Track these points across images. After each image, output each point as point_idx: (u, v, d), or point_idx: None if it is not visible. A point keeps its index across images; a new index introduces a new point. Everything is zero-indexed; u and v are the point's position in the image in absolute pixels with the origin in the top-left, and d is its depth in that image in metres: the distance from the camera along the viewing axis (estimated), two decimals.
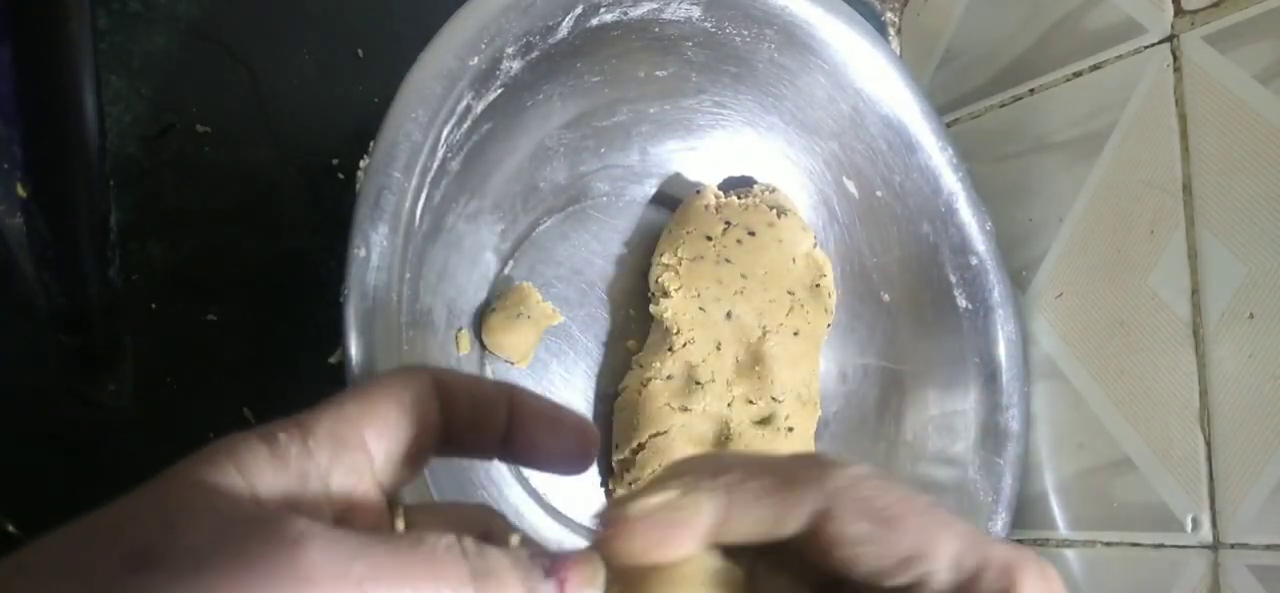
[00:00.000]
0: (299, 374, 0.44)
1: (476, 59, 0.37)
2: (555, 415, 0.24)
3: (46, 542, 0.19)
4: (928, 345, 0.51)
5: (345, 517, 0.21)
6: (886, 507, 0.21)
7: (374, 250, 0.34)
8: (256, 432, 0.21)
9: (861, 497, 0.21)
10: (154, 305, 0.42)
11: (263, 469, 0.20)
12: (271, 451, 0.20)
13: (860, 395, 0.52)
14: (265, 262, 0.45)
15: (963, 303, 0.49)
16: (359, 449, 0.21)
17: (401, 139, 0.35)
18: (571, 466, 0.25)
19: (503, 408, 0.24)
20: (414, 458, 0.23)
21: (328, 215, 0.46)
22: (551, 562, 0.21)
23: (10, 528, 0.38)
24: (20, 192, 0.28)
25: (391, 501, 0.23)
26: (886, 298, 0.52)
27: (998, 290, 0.49)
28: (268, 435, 0.21)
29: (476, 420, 0.24)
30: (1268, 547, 0.39)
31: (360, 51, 0.48)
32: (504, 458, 0.25)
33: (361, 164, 0.35)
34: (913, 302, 0.51)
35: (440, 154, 0.37)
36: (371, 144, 0.35)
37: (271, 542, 0.18)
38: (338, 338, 0.33)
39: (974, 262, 0.49)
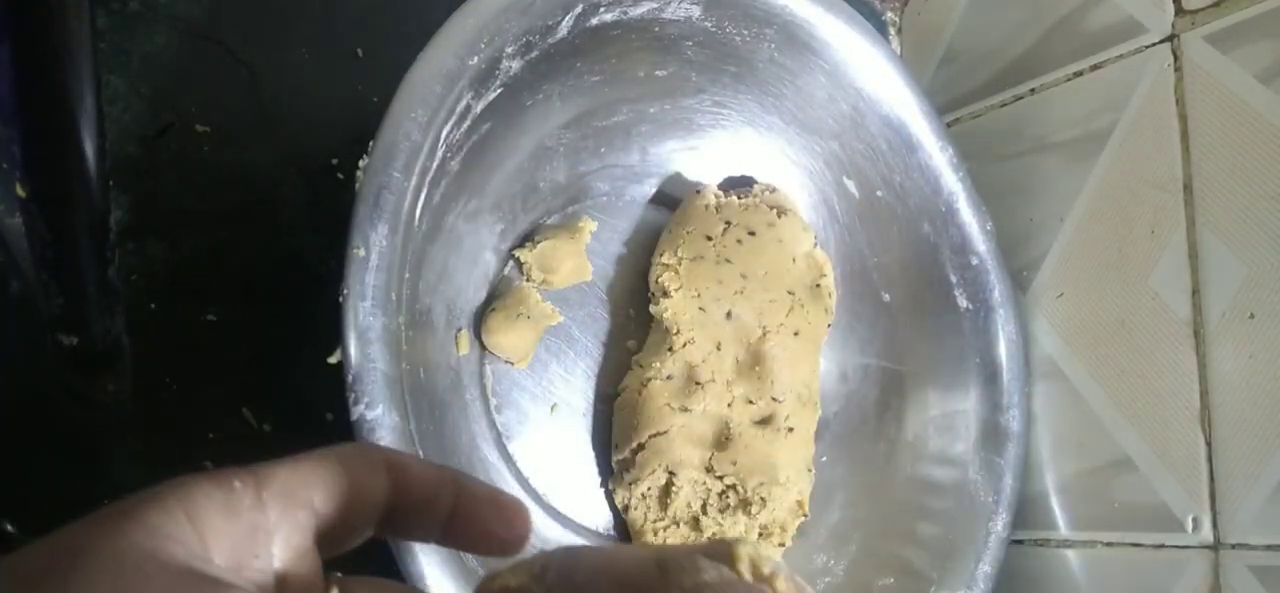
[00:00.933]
0: (299, 374, 0.44)
1: (476, 59, 0.37)
2: (496, 499, 0.25)
3: None
4: (928, 345, 0.51)
5: (284, 575, 0.22)
6: None
7: (373, 250, 0.34)
8: (211, 477, 0.21)
9: None
10: (154, 305, 0.42)
11: (214, 519, 0.20)
12: (226, 499, 0.21)
13: (861, 396, 0.52)
14: (265, 262, 0.45)
15: (963, 303, 0.49)
16: (306, 509, 0.22)
17: (401, 139, 0.35)
18: (508, 547, 0.25)
19: (448, 493, 0.24)
20: (355, 530, 0.23)
21: (327, 215, 0.46)
22: None
23: (9, 528, 0.38)
24: (20, 192, 0.28)
25: (326, 569, 0.23)
26: (887, 298, 0.52)
27: (998, 290, 0.49)
28: (223, 482, 0.21)
29: (422, 504, 0.24)
30: (1268, 547, 0.39)
31: (360, 51, 0.48)
32: (443, 542, 0.25)
33: (361, 164, 0.35)
34: (913, 302, 0.51)
35: (440, 154, 0.37)
36: (371, 144, 0.35)
37: None
38: (337, 338, 0.33)
39: (974, 262, 0.49)
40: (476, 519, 0.25)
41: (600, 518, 0.47)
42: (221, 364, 0.43)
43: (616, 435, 0.46)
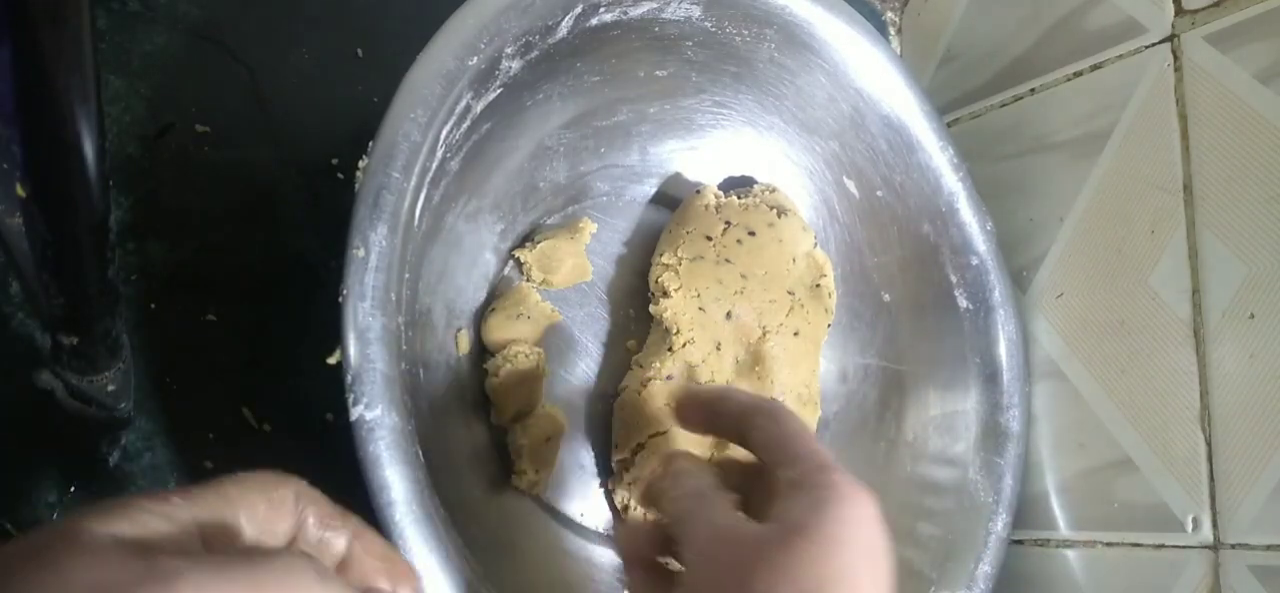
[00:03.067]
0: (299, 374, 0.44)
1: (475, 59, 0.37)
2: (389, 558, 0.28)
3: None
4: (928, 345, 0.51)
5: None
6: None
7: (372, 250, 0.34)
8: (149, 495, 0.23)
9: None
10: (154, 305, 0.42)
11: (154, 524, 0.22)
12: (164, 513, 0.23)
13: (861, 395, 0.52)
14: (265, 262, 0.45)
15: (963, 303, 0.49)
16: (230, 528, 0.24)
17: (400, 139, 0.35)
18: None
19: (345, 538, 0.27)
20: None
21: (327, 215, 0.46)
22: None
23: (9, 528, 0.38)
24: (20, 192, 0.28)
25: None
26: (887, 298, 0.52)
27: (999, 290, 0.49)
28: (161, 497, 0.23)
29: (316, 543, 0.26)
30: (1268, 547, 0.39)
31: (360, 51, 0.48)
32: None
33: (361, 164, 0.35)
34: (913, 302, 0.51)
35: (439, 154, 0.37)
36: (371, 144, 0.35)
37: (152, 575, 0.20)
38: (337, 338, 0.33)
39: (975, 262, 0.49)
40: (365, 569, 0.27)
41: (600, 518, 0.47)
42: (221, 364, 0.43)
43: (616, 435, 0.46)
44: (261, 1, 0.46)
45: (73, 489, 0.39)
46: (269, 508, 0.25)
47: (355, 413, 0.33)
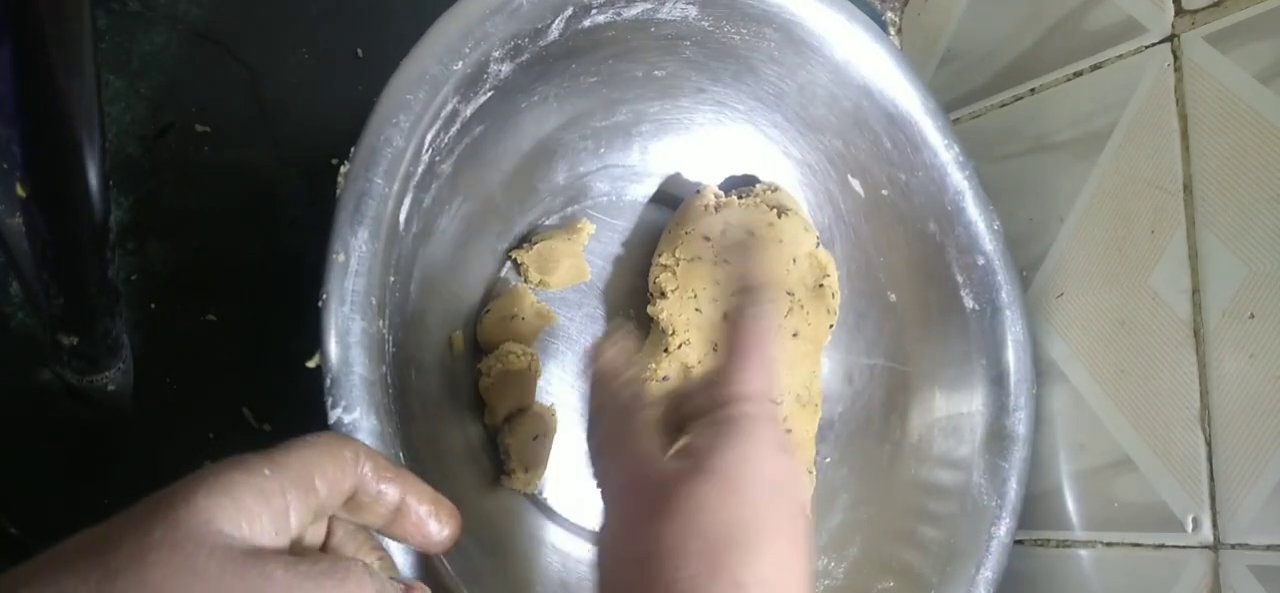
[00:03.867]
0: (299, 374, 0.44)
1: (460, 64, 0.37)
2: (437, 500, 0.30)
3: (54, 560, 0.22)
4: (934, 347, 0.50)
5: (296, 541, 0.26)
6: None
7: (353, 255, 0.34)
8: (241, 467, 0.25)
9: None
10: (154, 305, 0.42)
11: (255, 511, 0.24)
12: (258, 488, 0.24)
13: (866, 397, 0.52)
14: (265, 262, 0.45)
15: (970, 303, 0.49)
16: (312, 491, 0.26)
17: (382, 145, 0.35)
18: (438, 545, 0.30)
19: (398, 490, 0.29)
20: (329, 510, 0.28)
21: (327, 215, 0.46)
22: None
23: (11, 529, 0.38)
24: (20, 192, 0.28)
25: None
26: (893, 298, 0.51)
27: (1005, 291, 0.48)
28: (252, 470, 0.25)
29: (375, 496, 0.28)
30: (1268, 547, 0.39)
31: (360, 51, 0.48)
32: (386, 531, 0.29)
33: (341, 170, 0.36)
34: (920, 302, 0.50)
35: (427, 158, 0.37)
36: (351, 150, 0.35)
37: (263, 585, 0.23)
38: (317, 342, 0.34)
39: (981, 261, 0.48)
40: (417, 515, 0.29)
41: (596, 518, 0.47)
42: (221, 364, 0.43)
43: None
44: (261, 1, 0.46)
45: (73, 490, 0.39)
46: (336, 468, 0.27)
47: (334, 416, 0.33)
